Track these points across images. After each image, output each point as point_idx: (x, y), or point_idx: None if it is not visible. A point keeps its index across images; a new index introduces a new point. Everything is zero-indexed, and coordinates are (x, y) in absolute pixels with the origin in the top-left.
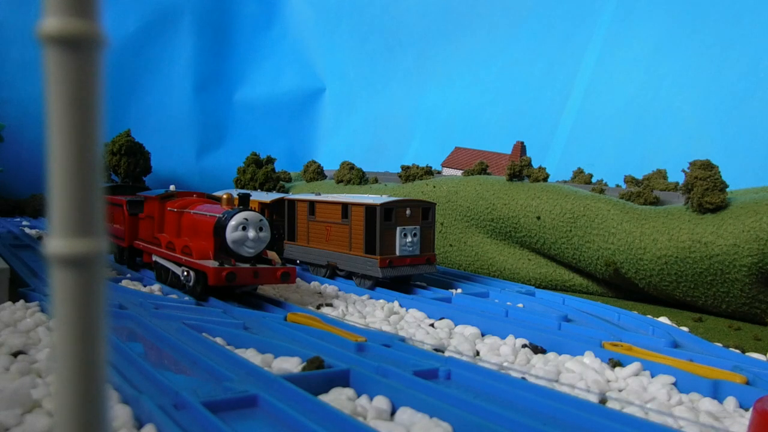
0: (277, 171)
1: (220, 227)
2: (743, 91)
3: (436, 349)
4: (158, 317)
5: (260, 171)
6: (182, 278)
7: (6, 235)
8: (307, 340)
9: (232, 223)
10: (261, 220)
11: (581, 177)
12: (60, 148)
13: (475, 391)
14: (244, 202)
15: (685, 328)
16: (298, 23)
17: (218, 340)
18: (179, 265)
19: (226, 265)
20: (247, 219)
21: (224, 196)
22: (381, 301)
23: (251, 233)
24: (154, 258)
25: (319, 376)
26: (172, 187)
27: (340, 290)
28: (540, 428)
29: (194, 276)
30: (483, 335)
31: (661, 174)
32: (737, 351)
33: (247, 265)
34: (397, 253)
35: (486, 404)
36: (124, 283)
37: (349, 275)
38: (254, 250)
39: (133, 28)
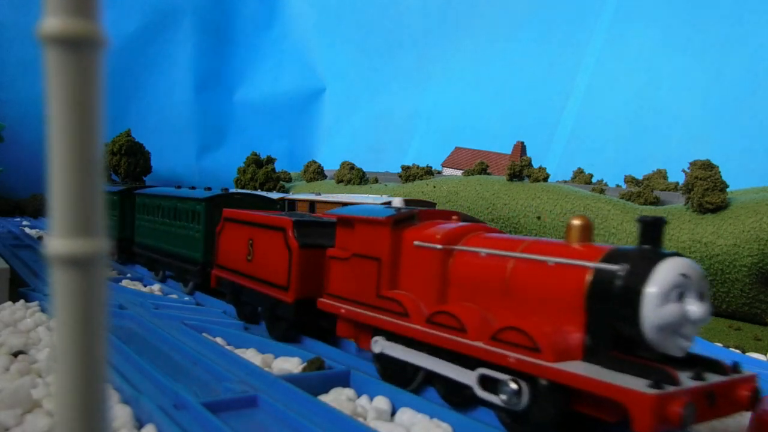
0: (277, 171)
1: (618, 293)
2: (743, 91)
3: None
4: (158, 317)
5: (260, 171)
6: (506, 396)
7: (6, 235)
8: (306, 340)
9: (655, 290)
10: (705, 276)
11: (581, 177)
12: (60, 148)
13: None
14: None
15: None
16: (299, 23)
17: (218, 340)
18: (493, 367)
19: (670, 388)
20: (688, 276)
21: (576, 222)
22: None
23: (694, 307)
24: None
25: (320, 377)
26: (396, 201)
27: None
28: None
29: (543, 392)
30: None
31: (661, 174)
32: (737, 351)
33: (694, 382)
34: None
35: (486, 406)
36: (124, 283)
37: None
38: (691, 343)
39: (133, 28)
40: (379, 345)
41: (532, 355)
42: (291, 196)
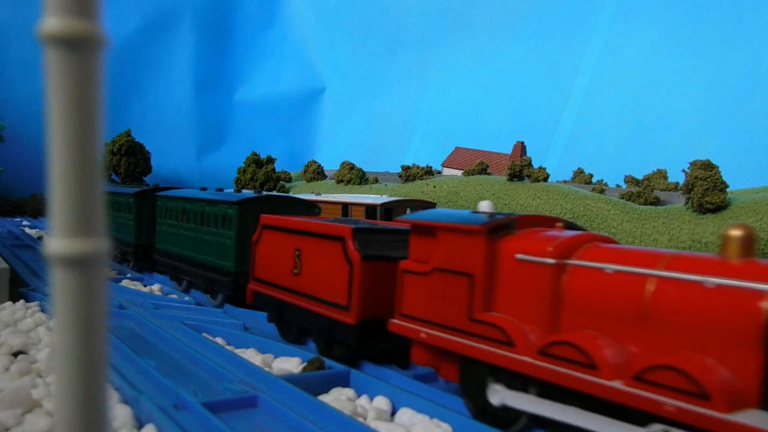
0: (277, 171)
1: None
2: (743, 91)
3: None
4: (158, 317)
5: (260, 171)
6: None
7: (6, 235)
8: (306, 340)
9: None
10: None
11: (581, 177)
12: (60, 148)
13: None
14: None
15: None
16: (298, 23)
17: (218, 340)
18: (635, 415)
19: None
20: None
21: (735, 233)
22: None
23: None
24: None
25: (320, 377)
26: (484, 205)
27: None
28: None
29: None
30: None
31: (661, 174)
32: None
33: None
34: None
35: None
36: (124, 282)
37: None
38: None
39: (133, 28)
40: (500, 395)
41: (697, 402)
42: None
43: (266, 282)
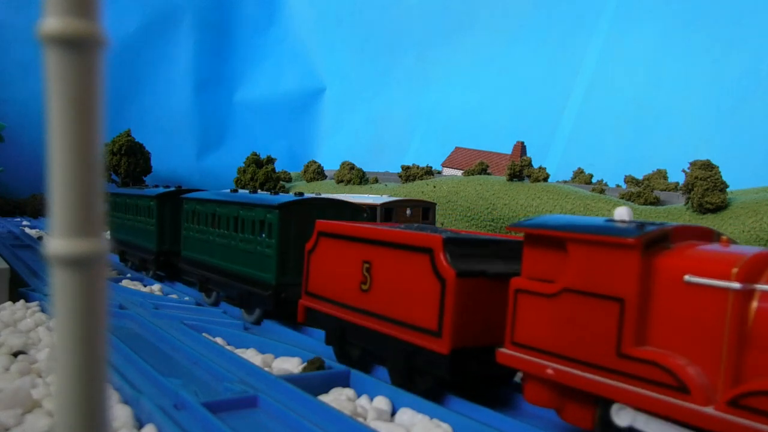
0: (277, 171)
1: None
2: (743, 91)
3: None
4: (158, 317)
5: (260, 171)
6: None
7: (6, 235)
8: (307, 340)
9: None
10: None
11: (581, 177)
12: (60, 148)
13: (476, 394)
14: None
15: None
16: (299, 23)
17: (218, 340)
18: None
19: None
20: None
21: None
22: None
23: None
24: None
25: (320, 377)
26: (622, 212)
27: None
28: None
29: None
30: None
31: (661, 174)
32: None
33: None
34: None
35: (485, 407)
36: (124, 283)
37: None
38: None
39: (133, 27)
40: (629, 416)
41: None
42: None
43: (324, 298)
